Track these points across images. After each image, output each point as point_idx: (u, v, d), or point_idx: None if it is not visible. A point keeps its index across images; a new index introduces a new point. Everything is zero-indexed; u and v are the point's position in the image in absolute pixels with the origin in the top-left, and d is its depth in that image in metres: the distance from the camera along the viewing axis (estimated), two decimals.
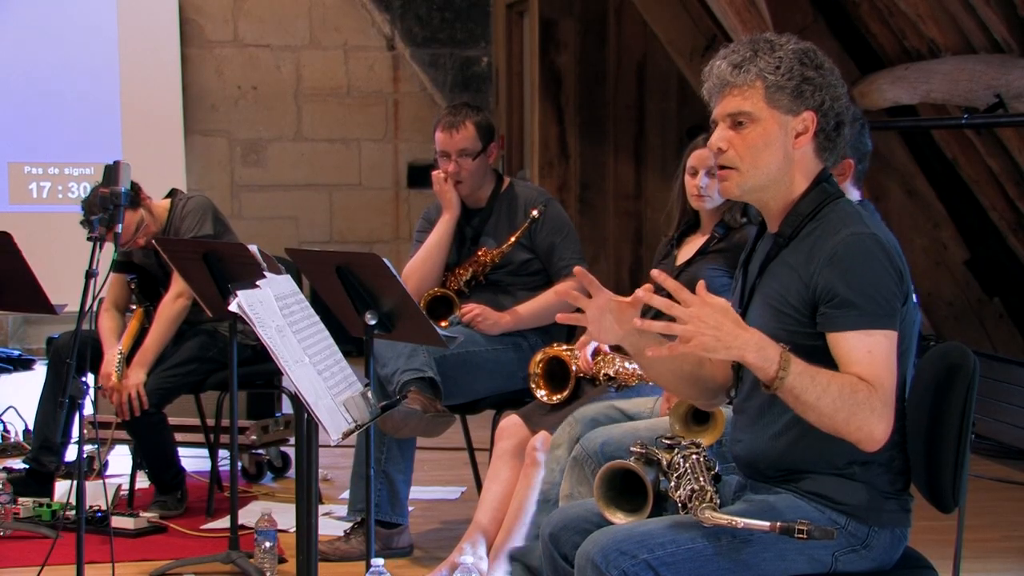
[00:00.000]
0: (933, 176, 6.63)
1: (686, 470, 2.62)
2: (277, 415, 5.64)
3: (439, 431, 4.37)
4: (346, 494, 4.72)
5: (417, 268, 4.63)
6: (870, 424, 2.45)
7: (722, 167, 2.65)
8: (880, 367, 2.47)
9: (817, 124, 2.62)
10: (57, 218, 8.81)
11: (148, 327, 4.94)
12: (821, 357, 2.51)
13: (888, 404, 2.47)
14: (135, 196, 4.79)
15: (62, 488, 4.98)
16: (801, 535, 2.38)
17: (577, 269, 2.68)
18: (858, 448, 2.49)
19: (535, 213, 4.62)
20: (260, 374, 5.10)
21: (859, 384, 2.45)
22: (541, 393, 4.19)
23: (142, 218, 4.89)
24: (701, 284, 2.45)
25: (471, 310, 4.56)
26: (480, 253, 4.65)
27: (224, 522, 4.64)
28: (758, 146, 2.61)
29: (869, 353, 2.48)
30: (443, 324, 4.55)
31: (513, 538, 3.94)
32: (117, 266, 4.95)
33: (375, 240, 10.02)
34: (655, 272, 2.57)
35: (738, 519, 2.45)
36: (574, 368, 4.14)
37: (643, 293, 2.57)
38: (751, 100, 2.60)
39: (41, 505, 4.78)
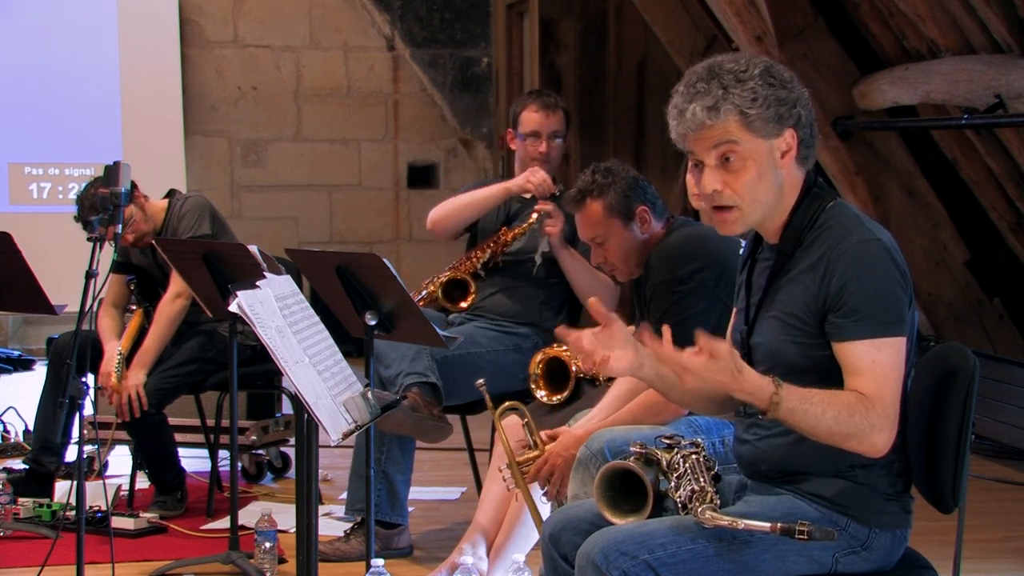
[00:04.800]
0: (933, 176, 6.62)
1: (686, 470, 2.62)
2: (277, 415, 5.64)
3: (433, 437, 4.34)
4: (346, 494, 4.71)
5: (445, 209, 4.70)
6: (870, 438, 2.46)
7: (720, 207, 2.60)
8: (883, 377, 2.47)
9: (798, 138, 2.60)
10: (57, 218, 8.77)
11: (148, 327, 4.95)
12: (834, 370, 2.51)
13: (888, 415, 2.46)
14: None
15: (62, 488, 4.97)
16: (802, 536, 2.38)
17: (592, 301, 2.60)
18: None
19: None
20: (260, 374, 5.10)
21: (857, 404, 2.45)
22: (541, 394, 4.18)
23: (132, 214, 4.88)
24: (700, 334, 2.40)
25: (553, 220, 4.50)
26: (501, 231, 4.65)
27: (224, 522, 4.64)
28: (753, 180, 2.56)
29: (873, 363, 2.47)
30: (463, 305, 4.61)
31: (513, 539, 3.94)
32: (116, 267, 4.95)
33: (375, 240, 10.02)
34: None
35: (739, 520, 2.45)
36: (574, 369, 4.14)
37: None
38: (735, 135, 2.54)
39: (41, 505, 4.78)
